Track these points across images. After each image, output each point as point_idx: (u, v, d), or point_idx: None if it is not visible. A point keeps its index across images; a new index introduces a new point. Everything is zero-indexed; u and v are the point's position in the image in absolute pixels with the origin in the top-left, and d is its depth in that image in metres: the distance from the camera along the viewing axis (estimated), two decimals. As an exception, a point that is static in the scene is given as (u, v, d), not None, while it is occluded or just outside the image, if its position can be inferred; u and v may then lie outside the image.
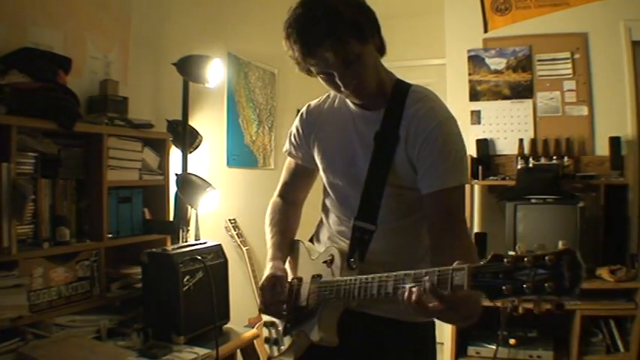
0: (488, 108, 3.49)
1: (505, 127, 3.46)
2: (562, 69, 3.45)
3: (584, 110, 3.40)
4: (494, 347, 2.91)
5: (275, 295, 1.33)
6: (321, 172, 1.41)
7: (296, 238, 1.52)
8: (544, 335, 3.04)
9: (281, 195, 1.56)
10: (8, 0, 1.81)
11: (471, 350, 3.00)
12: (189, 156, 2.32)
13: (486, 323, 2.86)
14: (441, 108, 1.25)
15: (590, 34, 3.39)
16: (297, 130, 1.46)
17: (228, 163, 3.02)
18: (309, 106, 1.46)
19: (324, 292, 1.25)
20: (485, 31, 3.54)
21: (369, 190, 1.25)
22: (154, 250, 1.97)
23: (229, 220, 2.97)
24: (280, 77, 3.59)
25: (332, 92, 1.39)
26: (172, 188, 2.25)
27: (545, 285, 0.78)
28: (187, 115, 2.26)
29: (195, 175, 2.28)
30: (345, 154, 1.31)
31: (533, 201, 2.99)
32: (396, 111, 1.24)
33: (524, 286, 0.80)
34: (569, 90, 3.43)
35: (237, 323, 2.28)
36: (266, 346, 1.44)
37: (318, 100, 1.45)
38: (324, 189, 1.45)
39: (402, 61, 3.60)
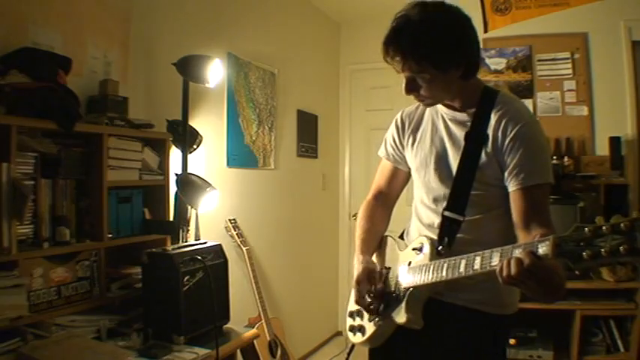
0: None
1: (505, 127, 3.45)
2: (562, 69, 3.45)
3: (584, 110, 3.40)
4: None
5: (370, 287, 1.42)
6: (414, 171, 1.53)
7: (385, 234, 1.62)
8: (544, 335, 3.04)
9: (375, 196, 1.66)
10: (8, 0, 1.81)
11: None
12: (189, 156, 2.32)
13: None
14: (526, 110, 1.38)
15: (590, 34, 3.40)
16: (393, 136, 1.59)
17: (228, 163, 3.02)
18: (402, 112, 1.59)
19: (412, 276, 1.34)
20: (486, 31, 3.54)
21: (459, 183, 1.36)
22: (154, 250, 1.97)
23: (229, 220, 2.97)
24: (280, 77, 3.59)
25: None
26: (172, 188, 2.25)
27: (620, 248, 0.88)
28: (187, 115, 2.26)
29: (195, 175, 2.28)
30: (437, 153, 1.43)
31: (533, 201, 2.99)
32: (484, 113, 1.35)
33: (602, 250, 0.90)
34: (569, 90, 3.43)
35: (237, 323, 2.28)
36: (350, 334, 1.53)
37: (411, 106, 1.57)
38: (415, 187, 1.54)
39: (402, 61, 3.60)
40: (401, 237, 1.60)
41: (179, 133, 2.28)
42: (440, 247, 1.35)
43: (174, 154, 2.31)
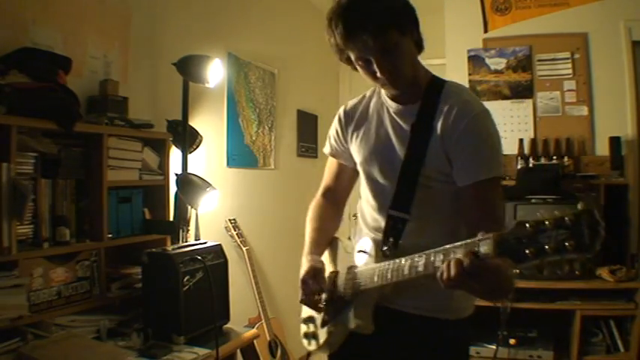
0: (488, 108, 3.48)
1: (505, 127, 3.46)
2: (562, 69, 3.45)
3: (584, 110, 3.40)
4: (494, 347, 2.91)
5: (315, 286, 1.36)
6: (359, 167, 1.45)
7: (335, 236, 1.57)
8: (544, 335, 3.04)
9: (323, 194, 1.59)
10: (8, 0, 1.81)
11: (471, 350, 2.99)
12: (189, 156, 2.32)
13: (486, 323, 2.86)
14: (476, 101, 1.31)
15: (590, 34, 3.40)
16: (336, 130, 1.51)
17: (228, 163, 3.02)
18: (345, 106, 1.51)
19: (359, 280, 1.30)
20: (486, 31, 3.55)
21: (404, 179, 1.30)
22: (154, 250, 1.97)
23: (229, 220, 2.97)
24: (280, 77, 3.59)
25: (368, 92, 1.47)
26: (172, 188, 2.25)
27: (566, 244, 0.82)
28: (187, 115, 2.26)
29: (195, 175, 2.28)
30: (382, 145, 1.36)
31: (533, 201, 2.99)
32: (431, 104, 1.28)
33: (546, 247, 0.84)
34: (569, 90, 3.43)
35: (237, 323, 2.28)
36: (305, 342, 1.48)
37: (354, 99, 1.51)
38: (361, 187, 1.49)
39: (402, 61, 3.60)
40: (350, 238, 1.56)
41: (179, 133, 2.28)
42: (385, 248, 1.28)
43: (174, 154, 2.31)
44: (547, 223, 0.84)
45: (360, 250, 1.34)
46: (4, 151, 1.60)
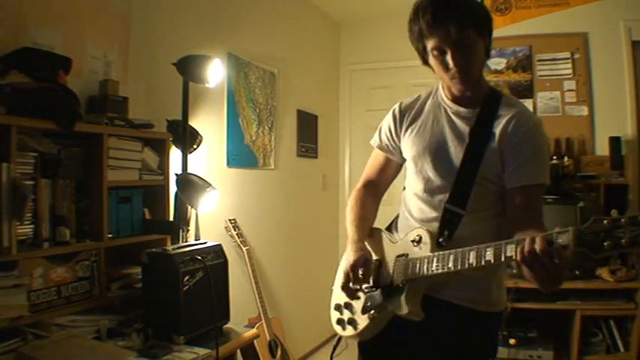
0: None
1: (505, 127, 3.46)
2: (562, 69, 3.45)
3: (584, 110, 3.40)
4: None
5: (367, 274, 1.39)
6: (409, 161, 1.51)
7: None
8: (544, 335, 3.04)
9: (365, 185, 1.64)
10: (8, 0, 1.81)
11: (471, 350, 3.00)
12: (189, 156, 2.32)
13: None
14: (532, 113, 1.46)
15: (590, 34, 3.40)
16: (389, 125, 1.57)
17: (228, 163, 3.02)
18: (401, 103, 1.57)
19: (412, 268, 1.34)
20: (486, 31, 3.54)
21: (462, 177, 1.37)
22: (154, 250, 1.97)
23: (229, 220, 2.97)
24: (280, 77, 3.59)
25: (424, 92, 1.55)
26: (172, 188, 2.25)
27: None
28: (187, 115, 2.26)
29: (195, 175, 2.28)
30: (437, 143, 1.43)
31: (533, 201, 2.99)
32: (490, 111, 1.39)
33: (623, 240, 0.97)
34: (569, 90, 3.43)
35: (237, 323, 2.28)
36: (338, 328, 1.51)
37: (410, 98, 1.57)
38: (408, 179, 1.53)
39: (403, 61, 3.61)
40: (388, 229, 1.59)
41: (179, 133, 2.28)
42: (441, 239, 1.35)
43: (174, 154, 2.31)
44: (623, 220, 0.98)
45: (413, 241, 1.37)
46: (4, 151, 1.60)
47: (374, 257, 1.46)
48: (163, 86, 2.45)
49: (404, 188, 1.57)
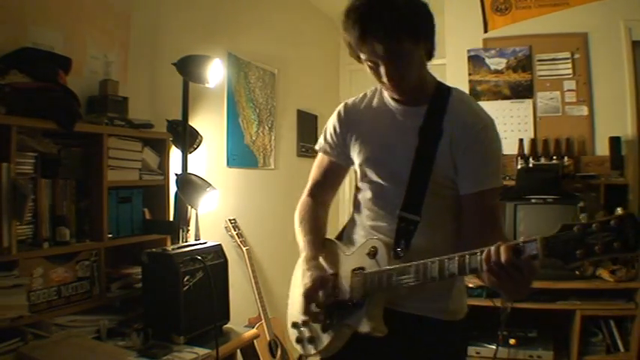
0: (488, 108, 3.42)
1: (505, 127, 3.46)
2: (562, 69, 3.45)
3: (584, 110, 3.40)
4: (494, 347, 2.91)
5: (327, 298, 1.33)
6: (357, 168, 1.43)
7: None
8: (544, 335, 3.04)
9: (311, 194, 1.56)
10: (8, 0, 1.81)
11: (471, 350, 3.00)
12: (189, 156, 2.32)
13: (486, 323, 2.86)
14: (483, 112, 1.33)
15: (590, 34, 3.40)
16: (334, 128, 1.48)
17: (228, 163, 3.02)
18: (346, 104, 1.49)
19: (371, 282, 1.27)
20: (486, 31, 3.55)
21: (414, 182, 1.29)
22: (154, 250, 1.97)
23: (229, 220, 2.97)
24: (280, 77, 3.59)
25: (369, 91, 1.45)
26: (172, 188, 2.25)
27: (614, 244, 0.88)
28: (187, 115, 2.26)
29: (195, 175, 2.28)
30: (385, 147, 1.35)
31: (533, 201, 2.99)
32: (439, 107, 1.30)
33: (595, 247, 0.89)
34: (569, 90, 3.43)
35: (237, 323, 2.28)
36: (298, 347, 1.43)
37: (355, 98, 1.48)
38: (357, 186, 1.46)
39: (402, 61, 3.60)
40: (338, 238, 1.51)
41: (179, 133, 2.28)
42: (399, 249, 1.28)
43: (174, 154, 2.31)
44: (594, 226, 0.90)
45: (368, 253, 1.30)
46: (4, 151, 1.60)
47: (329, 271, 1.38)
48: (163, 86, 2.45)
49: (356, 188, 1.47)
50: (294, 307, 1.46)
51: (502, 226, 1.25)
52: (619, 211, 0.90)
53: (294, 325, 1.45)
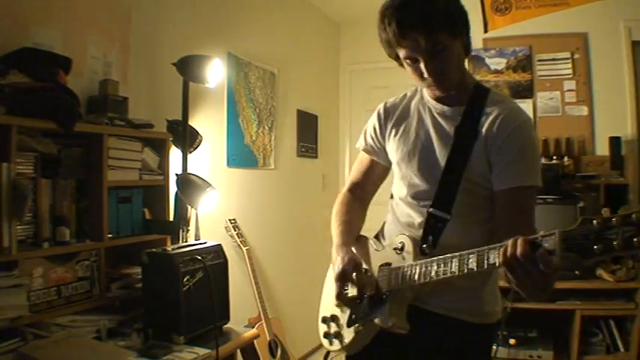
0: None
1: (505, 127, 3.46)
2: (562, 69, 3.46)
3: (584, 110, 3.40)
4: (494, 347, 2.91)
5: (359, 279, 1.33)
6: (394, 165, 1.45)
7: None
8: (544, 335, 3.04)
9: (350, 190, 1.57)
10: (8, 0, 1.81)
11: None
12: (189, 156, 2.32)
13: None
14: (520, 110, 1.33)
15: (590, 34, 3.40)
16: (374, 127, 1.50)
17: (228, 163, 3.02)
18: (385, 104, 1.51)
19: (395, 277, 1.28)
20: (486, 31, 3.54)
21: (446, 179, 1.30)
22: (154, 250, 1.97)
23: (229, 220, 2.97)
24: (280, 77, 3.59)
25: (408, 91, 1.47)
26: (172, 188, 2.24)
27: (634, 240, 0.84)
28: (187, 115, 2.26)
29: (195, 175, 2.28)
30: (422, 145, 1.36)
31: (533, 201, 2.99)
32: (476, 109, 1.31)
33: (615, 243, 0.86)
34: (569, 90, 3.44)
35: (237, 323, 2.28)
36: (325, 342, 1.45)
37: (395, 98, 1.50)
38: (394, 184, 1.47)
39: (402, 61, 3.60)
40: (376, 237, 1.52)
41: (179, 133, 2.28)
42: (424, 246, 1.28)
43: (174, 154, 2.31)
44: (614, 220, 0.87)
45: (395, 248, 1.31)
46: (4, 151, 1.60)
47: (363, 265, 1.39)
48: (163, 86, 2.45)
49: (391, 196, 1.50)
50: (326, 302, 1.48)
51: (534, 227, 1.19)
52: (605, 212, 0.84)
53: (324, 319, 1.47)
